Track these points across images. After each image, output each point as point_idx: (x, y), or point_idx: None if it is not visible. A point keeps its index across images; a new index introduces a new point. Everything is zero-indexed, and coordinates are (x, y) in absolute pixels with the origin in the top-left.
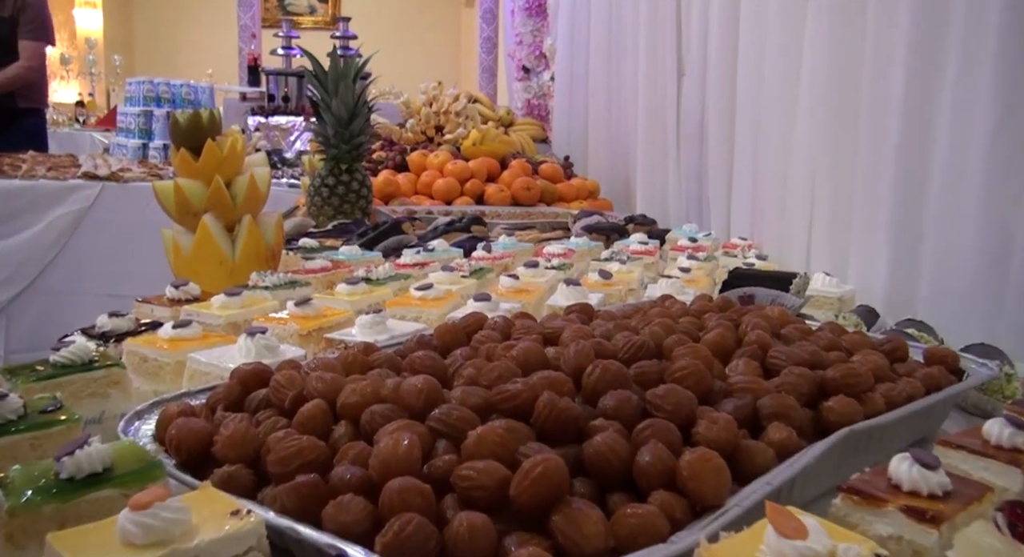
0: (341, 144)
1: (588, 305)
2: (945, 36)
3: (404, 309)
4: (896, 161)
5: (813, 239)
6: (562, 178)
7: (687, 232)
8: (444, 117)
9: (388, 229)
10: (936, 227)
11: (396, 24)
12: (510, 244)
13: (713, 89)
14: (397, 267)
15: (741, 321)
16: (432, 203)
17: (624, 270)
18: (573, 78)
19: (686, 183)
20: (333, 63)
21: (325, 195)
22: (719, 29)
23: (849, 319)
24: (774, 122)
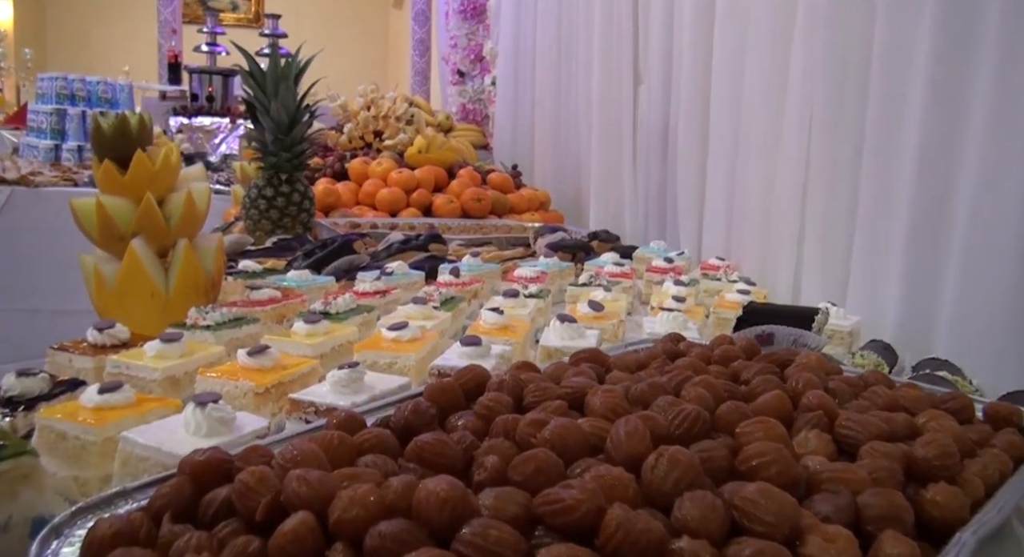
0: (280, 151)
1: (598, 352)
2: (982, 16)
3: (376, 354)
4: (915, 172)
5: (804, 261)
6: (512, 188)
7: (657, 250)
8: (384, 122)
9: (338, 248)
10: (963, 249)
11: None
12: (476, 266)
13: (680, 95)
14: (357, 296)
15: (784, 374)
16: (376, 215)
17: (610, 298)
18: (517, 83)
19: (644, 196)
20: (272, 62)
21: (263, 208)
22: (690, 30)
23: (868, 358)
24: (756, 128)
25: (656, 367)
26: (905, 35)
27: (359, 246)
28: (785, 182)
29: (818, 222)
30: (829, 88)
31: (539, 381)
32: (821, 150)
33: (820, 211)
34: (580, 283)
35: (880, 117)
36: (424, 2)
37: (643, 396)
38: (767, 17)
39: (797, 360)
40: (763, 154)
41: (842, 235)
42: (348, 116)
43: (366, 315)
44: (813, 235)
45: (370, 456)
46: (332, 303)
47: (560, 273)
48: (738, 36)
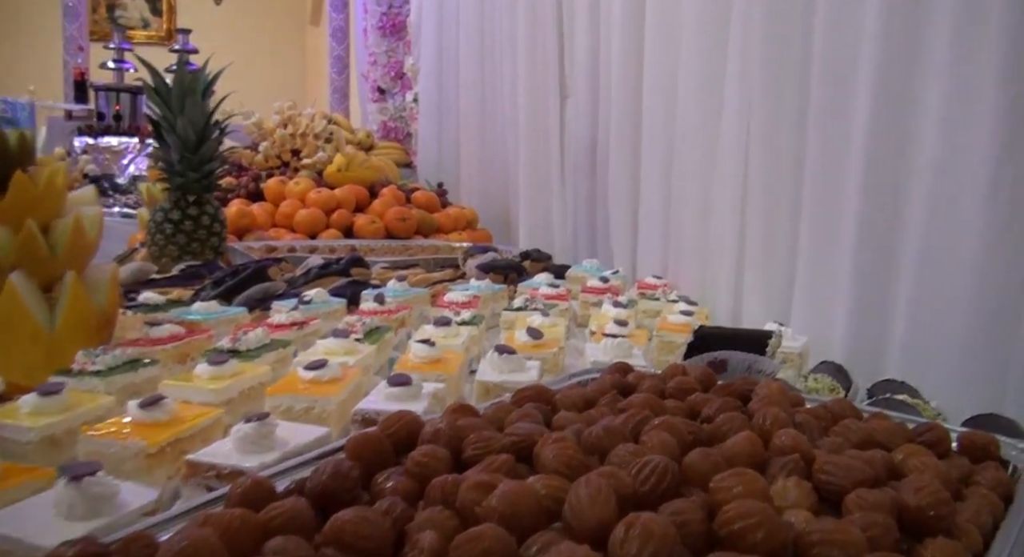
0: (188, 171)
1: (542, 388)
2: (931, 18)
3: (291, 398)
4: (861, 186)
5: (744, 279)
6: (438, 207)
7: (592, 269)
8: (301, 140)
9: (251, 275)
10: (914, 265)
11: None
12: (402, 291)
13: (610, 110)
14: (270, 330)
15: (748, 409)
16: (294, 237)
17: (548, 324)
18: (441, 99)
19: (573, 213)
20: (178, 76)
21: (169, 232)
22: (618, 43)
23: (821, 382)
24: (691, 142)
25: (607, 404)
26: (848, 43)
27: (274, 272)
28: (723, 197)
29: (759, 237)
30: (767, 99)
31: (480, 428)
32: (760, 163)
33: (760, 226)
34: (515, 307)
35: (822, 127)
36: (342, 19)
37: (599, 443)
38: (699, 29)
39: (758, 391)
40: (699, 169)
41: (784, 250)
42: (263, 134)
43: (281, 351)
44: (754, 251)
45: (279, 539)
46: (242, 339)
47: (493, 296)
48: (669, 48)
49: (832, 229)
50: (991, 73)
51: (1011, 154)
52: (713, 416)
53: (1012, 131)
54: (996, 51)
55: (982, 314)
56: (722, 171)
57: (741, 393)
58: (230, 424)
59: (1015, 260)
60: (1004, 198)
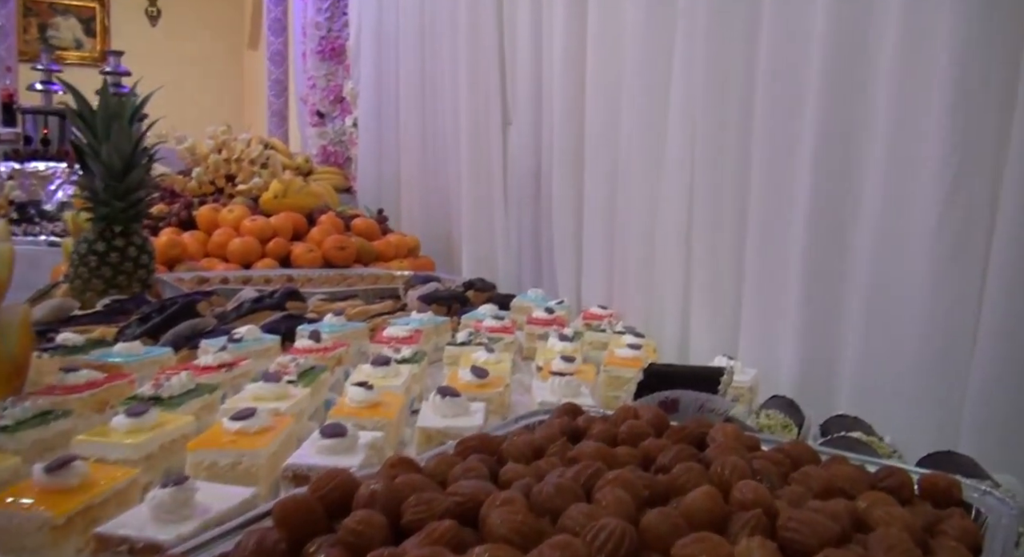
0: (114, 200)
1: (487, 438)
2: (880, 43)
3: (216, 453)
4: (808, 216)
5: (692, 309)
6: (378, 234)
7: (537, 299)
8: (236, 165)
9: (179, 311)
10: (864, 298)
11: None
12: (339, 326)
13: (553, 137)
14: (196, 373)
15: (705, 456)
16: (227, 267)
17: (493, 360)
18: (381, 124)
19: (517, 242)
20: (103, 100)
21: (93, 265)
22: (560, 70)
23: (774, 418)
24: (635, 170)
25: (557, 453)
26: (794, 74)
27: (204, 307)
28: (668, 225)
29: (705, 267)
30: (712, 127)
31: (420, 488)
32: (706, 191)
33: (706, 255)
34: (459, 342)
35: (769, 157)
36: (280, 42)
37: (550, 503)
38: (642, 57)
39: (713, 436)
40: (643, 196)
41: (731, 280)
42: (197, 160)
43: (207, 397)
44: (700, 280)
45: None
46: (165, 384)
47: (436, 329)
48: (612, 75)
49: (779, 259)
50: (940, 97)
51: (961, 182)
52: (669, 465)
53: (962, 159)
54: (946, 75)
55: (933, 346)
56: (667, 199)
57: (695, 437)
58: (151, 481)
59: (965, 292)
60: (953, 228)
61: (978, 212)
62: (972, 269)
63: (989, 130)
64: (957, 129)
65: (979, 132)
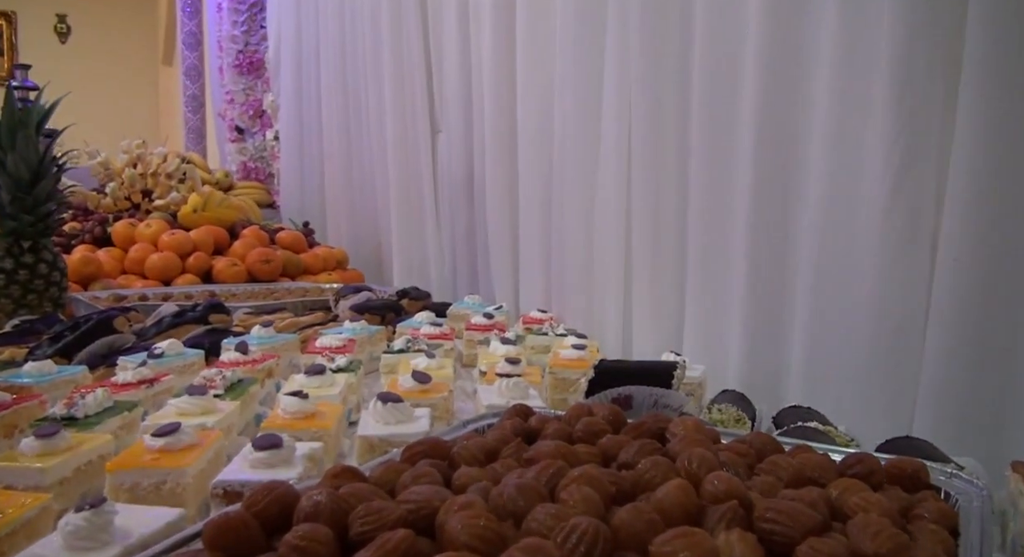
0: (21, 214)
1: (437, 442)
2: (819, 32)
3: (137, 473)
4: (749, 205)
5: (632, 308)
6: (304, 247)
7: (474, 305)
8: (152, 180)
9: (94, 328)
10: (809, 286)
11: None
12: (268, 338)
13: (485, 142)
14: (114, 390)
15: (669, 450)
16: (146, 284)
17: (435, 366)
18: (303, 136)
19: (451, 249)
20: (7, 108)
21: (1, 283)
22: (489, 75)
23: (726, 412)
24: (569, 173)
25: (512, 454)
26: (729, 64)
27: (121, 323)
28: (605, 225)
29: (644, 265)
30: (647, 124)
31: (367, 497)
32: (643, 189)
33: (646, 253)
34: (396, 349)
35: (706, 150)
36: (195, 57)
37: (513, 506)
38: (573, 55)
39: (673, 429)
40: (578, 198)
41: (672, 277)
42: (111, 175)
43: (127, 415)
44: (640, 279)
45: None
46: (79, 402)
47: (370, 339)
48: (543, 75)
49: (721, 254)
50: (882, 87)
51: (908, 170)
52: (632, 462)
53: (906, 147)
54: (888, 64)
55: (883, 334)
56: (603, 200)
57: (654, 432)
58: (66, 509)
59: (915, 275)
60: (903, 209)
61: (925, 199)
62: (920, 255)
63: (934, 118)
64: (902, 117)
65: (924, 120)
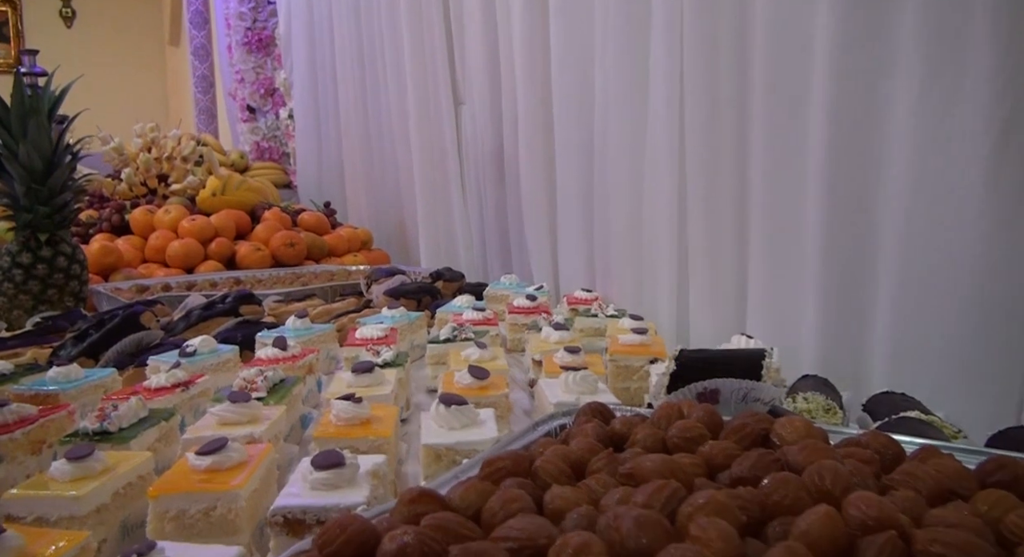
0: (36, 205)
1: (517, 456)
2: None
3: (185, 498)
4: (825, 171)
5: (689, 286)
6: (328, 229)
7: (512, 286)
8: (168, 164)
9: (120, 325)
10: (895, 258)
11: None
12: (305, 330)
13: (516, 113)
14: (147, 396)
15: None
16: (168, 273)
17: (488, 358)
18: (319, 114)
19: (479, 227)
20: (17, 95)
21: (19, 279)
22: (521, 37)
23: (813, 401)
24: (614, 140)
25: (604, 467)
26: (797, 16)
27: (148, 319)
28: (657, 197)
29: (701, 239)
30: (702, 86)
31: (458, 531)
32: (699, 158)
33: (703, 227)
34: (442, 338)
35: (773, 111)
36: (203, 36)
37: (634, 545)
38: (617, 14)
39: (779, 431)
40: (626, 169)
41: (733, 252)
42: (125, 160)
43: (163, 425)
44: (697, 255)
45: None
46: (111, 414)
47: (410, 326)
48: (581, 35)
49: (790, 223)
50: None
51: (1012, 135)
52: (750, 477)
53: (1012, 109)
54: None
55: (986, 308)
56: (654, 169)
57: (758, 436)
58: (105, 540)
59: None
60: (1005, 183)
61: None
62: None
63: None
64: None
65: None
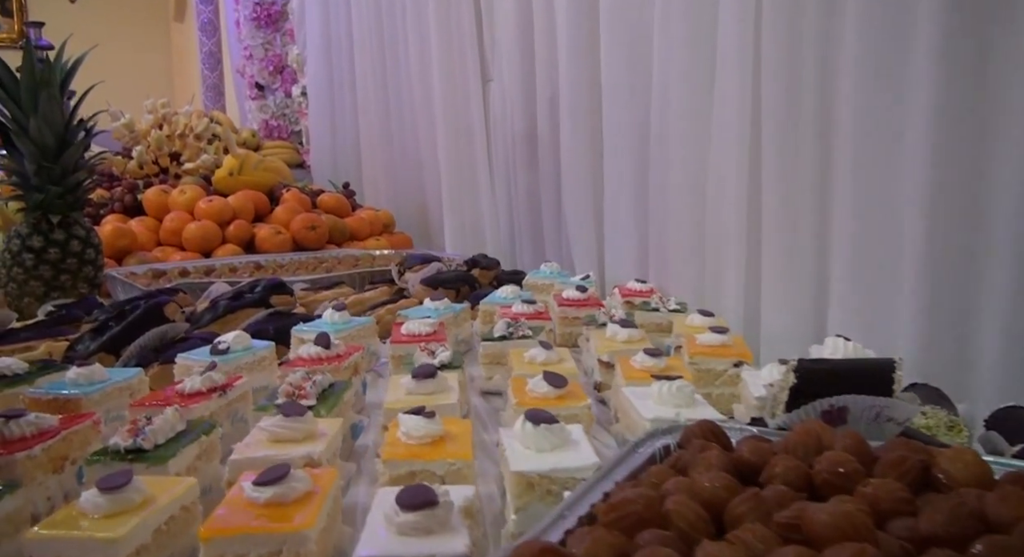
0: (48, 185)
1: (647, 499)
2: None
3: (243, 541)
4: (929, 151)
5: (761, 276)
6: (348, 210)
7: (553, 274)
8: (180, 141)
9: (142, 317)
10: (1008, 248)
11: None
12: (344, 324)
13: (555, 90)
14: (182, 403)
15: (995, 519)
16: (185, 256)
17: (555, 360)
18: (334, 91)
19: (508, 209)
20: (27, 65)
21: (29, 264)
22: (568, 11)
23: (934, 416)
24: (673, 128)
25: (751, 513)
26: None
27: (172, 310)
28: (725, 184)
29: (777, 232)
30: (780, 52)
31: None
32: (774, 140)
33: (779, 218)
34: (497, 336)
35: (864, 83)
36: (210, 11)
37: None
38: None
39: (944, 466)
40: (689, 154)
41: (813, 247)
42: (136, 138)
43: (204, 440)
44: (771, 248)
45: None
46: (146, 430)
47: (455, 319)
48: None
49: (886, 212)
50: None
51: None
52: (944, 535)
53: None
54: None
55: None
56: (721, 156)
57: (918, 471)
58: None
59: None
60: None
61: None
62: None
63: None
64: None
65: None
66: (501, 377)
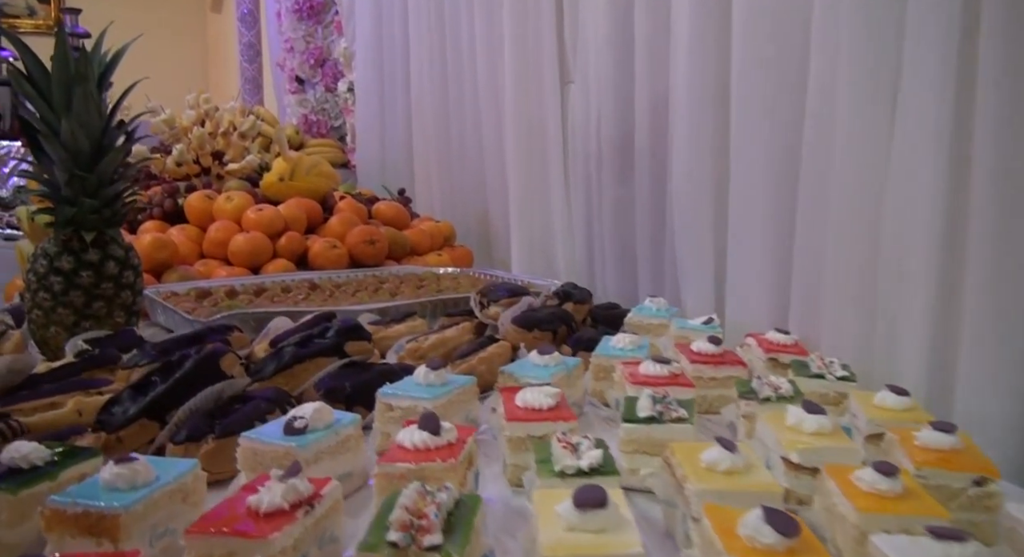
0: (82, 197)
1: None
2: None
3: None
4: None
5: (961, 343)
6: (407, 221)
7: (660, 313)
8: (224, 140)
9: (193, 371)
10: None
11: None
12: (442, 388)
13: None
14: (257, 533)
15: None
16: (232, 272)
17: (740, 466)
18: (384, 88)
19: (585, 227)
20: (60, 57)
21: (58, 289)
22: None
23: None
24: (836, 140)
25: None
26: None
27: (230, 363)
28: (909, 215)
29: (986, 281)
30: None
31: None
32: (991, 152)
33: (988, 265)
34: (642, 417)
35: None
36: (251, 2)
37: None
38: None
39: None
40: (860, 179)
41: None
42: (176, 134)
43: None
44: (980, 304)
45: None
46: None
47: (568, 379)
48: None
49: None
50: None
51: None
52: None
53: None
54: None
55: None
56: (904, 184)
57: None
58: None
59: None
60: None
61: None
62: None
63: None
64: None
65: None
66: (648, 470)
